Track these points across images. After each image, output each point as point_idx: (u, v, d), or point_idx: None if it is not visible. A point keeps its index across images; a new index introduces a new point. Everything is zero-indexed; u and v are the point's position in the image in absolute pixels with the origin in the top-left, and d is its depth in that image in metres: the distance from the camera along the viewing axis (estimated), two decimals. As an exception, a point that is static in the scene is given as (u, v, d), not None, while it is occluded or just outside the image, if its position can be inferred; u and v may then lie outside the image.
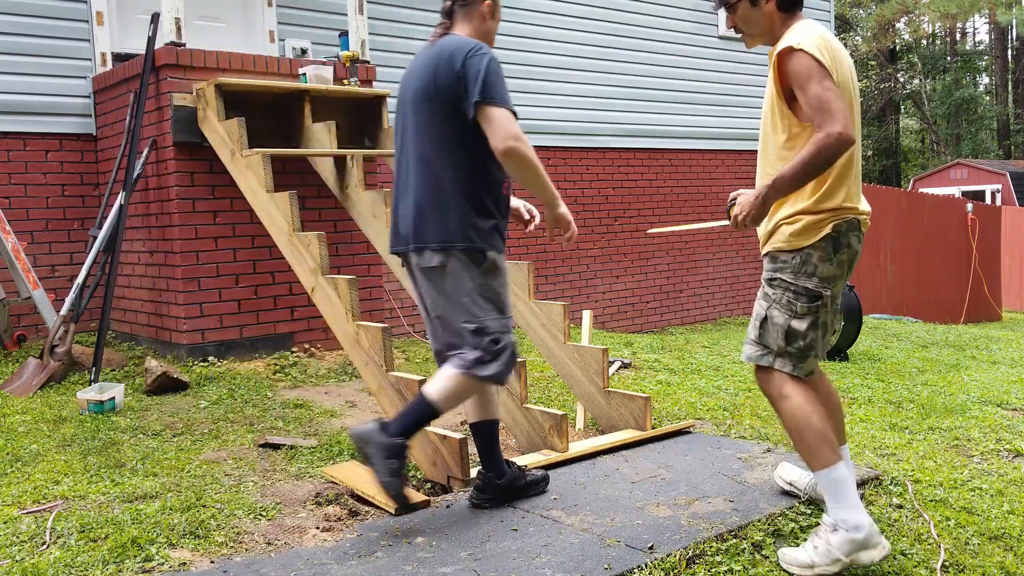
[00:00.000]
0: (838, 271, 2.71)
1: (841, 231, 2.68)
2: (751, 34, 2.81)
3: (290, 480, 3.41)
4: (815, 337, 2.71)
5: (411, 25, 7.33)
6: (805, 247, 2.67)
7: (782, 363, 2.71)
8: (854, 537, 2.55)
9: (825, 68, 2.51)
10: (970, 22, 36.08)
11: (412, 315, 6.88)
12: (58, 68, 5.84)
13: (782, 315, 2.71)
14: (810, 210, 2.66)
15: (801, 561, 2.63)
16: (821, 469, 2.63)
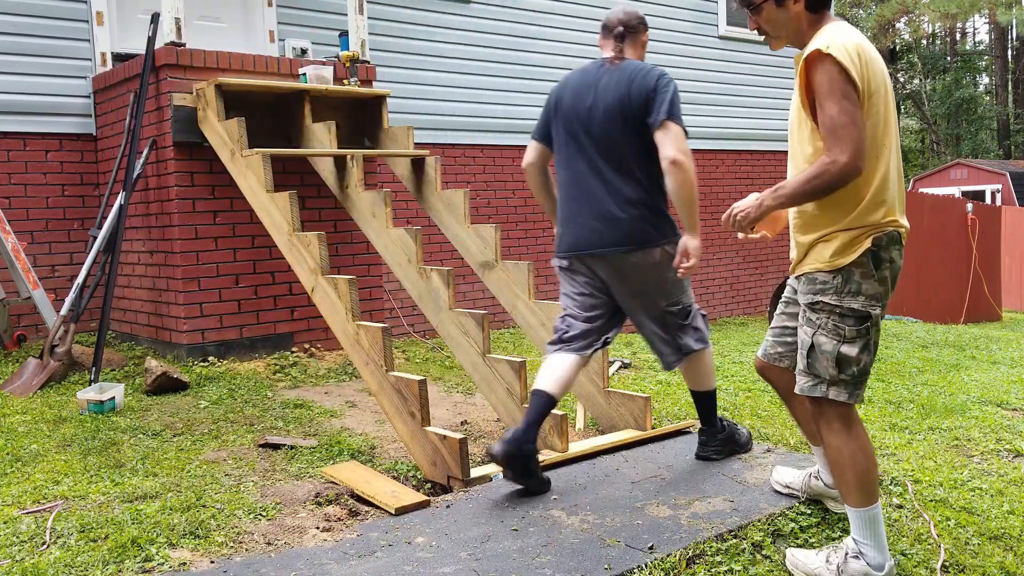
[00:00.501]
0: (882, 288, 2.57)
1: (881, 245, 2.54)
2: (777, 36, 2.67)
3: (290, 480, 3.41)
4: (868, 361, 2.57)
5: (411, 25, 7.33)
6: (846, 265, 2.53)
7: (836, 392, 2.55)
8: (872, 573, 2.54)
9: (851, 83, 2.40)
10: (970, 22, 36.11)
11: (412, 315, 6.88)
12: (58, 68, 5.84)
13: (830, 341, 2.55)
14: (849, 226, 2.52)
15: (810, 570, 2.61)
16: (857, 506, 2.57)
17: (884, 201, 2.53)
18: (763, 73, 10.20)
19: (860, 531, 2.57)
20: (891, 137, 2.53)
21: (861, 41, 2.49)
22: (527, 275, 4.36)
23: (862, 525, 2.56)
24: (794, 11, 2.58)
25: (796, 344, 2.70)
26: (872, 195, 2.50)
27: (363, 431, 4.10)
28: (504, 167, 7.89)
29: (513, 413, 3.88)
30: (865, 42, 2.51)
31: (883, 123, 2.50)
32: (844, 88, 2.40)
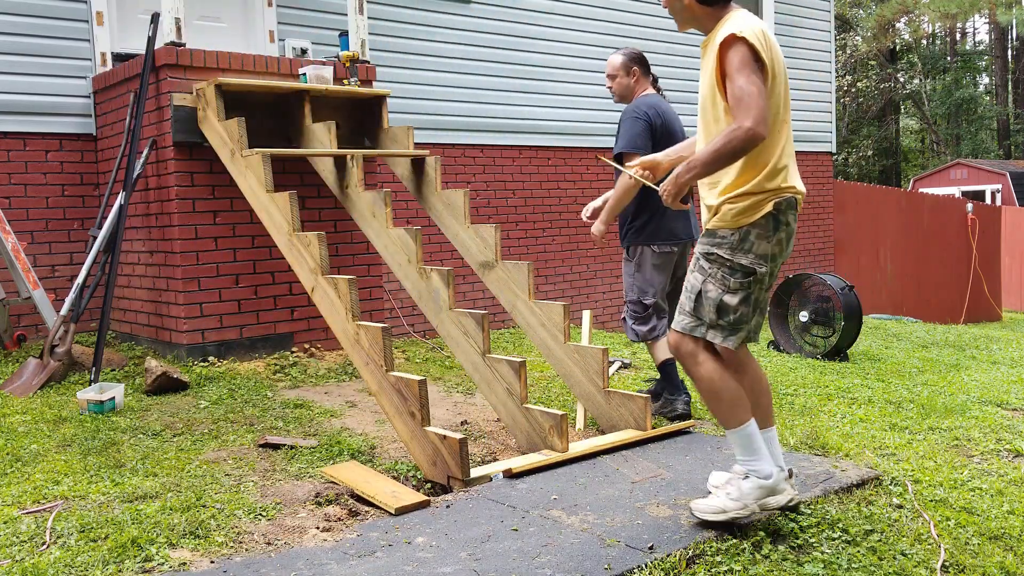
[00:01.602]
0: (776, 249, 2.84)
1: (781, 209, 2.81)
2: (677, 20, 2.99)
3: (290, 480, 3.41)
4: (746, 312, 2.85)
5: (411, 25, 7.33)
6: (745, 225, 2.80)
7: (714, 335, 2.85)
8: (763, 483, 2.81)
9: (760, 61, 2.68)
10: (970, 22, 36.08)
11: (412, 315, 6.88)
12: (58, 68, 5.84)
13: (716, 289, 2.84)
14: (754, 190, 2.78)
15: (714, 507, 2.84)
16: (735, 427, 2.83)
17: (784, 168, 2.82)
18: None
19: (743, 451, 2.85)
20: (787, 113, 2.85)
21: (765, 28, 2.82)
22: (527, 275, 4.36)
23: (742, 444, 2.84)
24: (686, 3, 2.90)
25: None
26: (774, 163, 2.79)
27: (363, 431, 4.10)
28: (504, 167, 7.89)
29: (513, 413, 3.88)
30: (767, 28, 2.83)
31: (782, 102, 2.81)
32: (753, 65, 2.68)
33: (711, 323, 2.85)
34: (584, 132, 8.51)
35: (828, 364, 6.25)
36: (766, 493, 2.82)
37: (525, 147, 8.03)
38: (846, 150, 34.72)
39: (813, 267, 10.76)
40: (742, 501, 2.81)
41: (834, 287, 6.69)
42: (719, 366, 2.86)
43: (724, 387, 2.83)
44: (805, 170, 10.78)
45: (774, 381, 5.42)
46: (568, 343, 4.21)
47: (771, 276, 2.88)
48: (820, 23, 10.89)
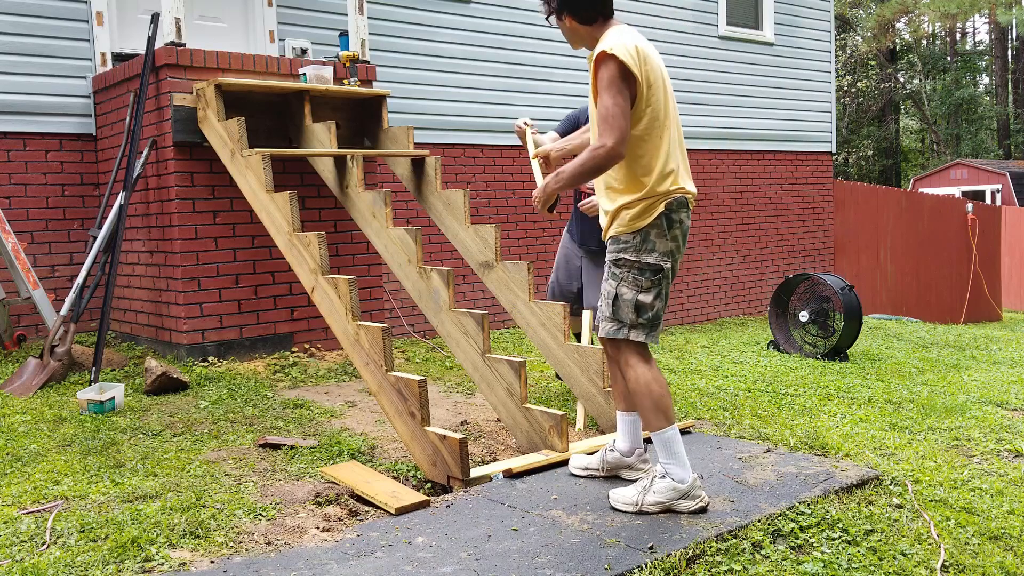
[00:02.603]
0: (673, 245, 3.03)
1: (672, 209, 3.00)
2: (571, 41, 3.18)
3: (290, 480, 3.41)
4: (660, 307, 3.04)
5: (411, 25, 7.33)
6: (643, 227, 2.99)
7: (636, 334, 3.01)
8: (677, 486, 2.96)
9: (628, 79, 2.86)
10: (970, 22, 36.08)
11: (412, 315, 6.88)
12: (58, 68, 5.84)
13: (630, 291, 3.01)
14: (645, 196, 2.97)
15: (627, 498, 3.00)
16: (658, 430, 2.97)
17: (672, 172, 3.00)
18: (763, 73, 10.20)
19: (664, 453, 2.99)
20: (671, 119, 3.02)
21: (639, 41, 2.96)
22: (527, 275, 4.36)
23: (664, 447, 2.98)
24: (569, 26, 3.10)
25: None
26: (660, 169, 2.97)
27: (363, 431, 4.10)
28: (504, 167, 7.89)
29: (513, 413, 3.88)
30: (642, 41, 2.99)
31: (663, 108, 2.98)
32: (620, 85, 2.86)
33: (632, 323, 3.01)
34: (584, 132, 8.50)
35: (828, 364, 6.25)
36: (678, 496, 2.97)
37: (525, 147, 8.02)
38: (846, 150, 34.72)
39: (813, 267, 10.76)
40: (654, 498, 2.97)
41: (834, 287, 6.69)
42: (647, 369, 3.01)
43: (651, 390, 2.98)
44: (805, 170, 10.79)
45: (774, 381, 5.42)
46: (568, 343, 4.21)
47: (674, 272, 3.08)
48: (820, 23, 10.88)
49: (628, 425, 3.31)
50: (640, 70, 2.89)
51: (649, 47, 3.03)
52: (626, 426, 3.32)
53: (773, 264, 10.41)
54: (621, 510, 3.00)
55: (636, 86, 2.89)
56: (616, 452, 3.34)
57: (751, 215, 10.13)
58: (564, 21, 3.11)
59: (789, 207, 10.59)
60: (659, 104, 2.96)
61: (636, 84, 2.89)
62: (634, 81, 2.88)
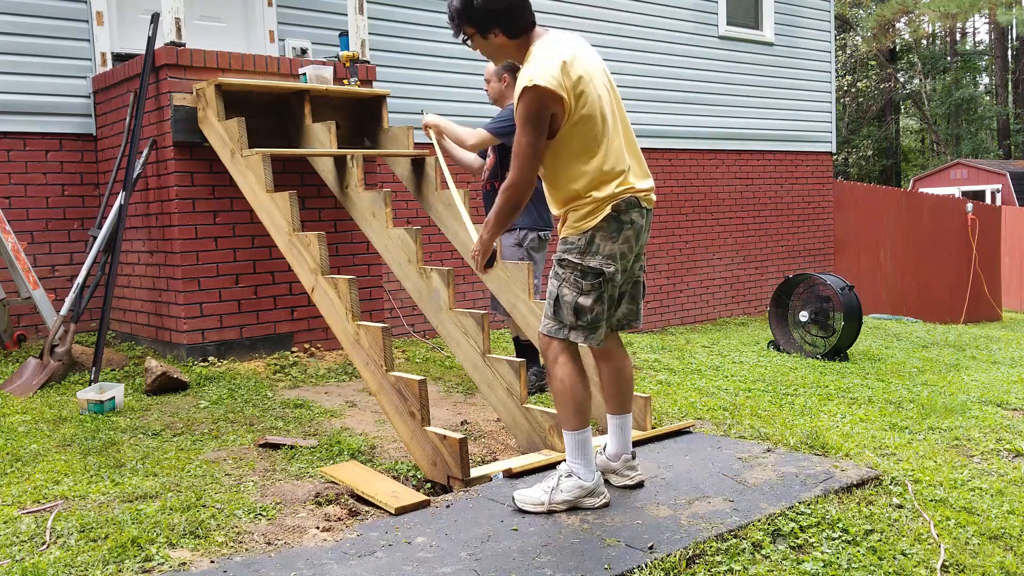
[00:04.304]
0: (624, 247, 3.00)
1: (621, 210, 2.96)
2: (493, 59, 3.14)
3: (290, 480, 3.41)
4: (600, 311, 3.00)
5: (411, 25, 7.33)
6: (589, 229, 2.95)
7: (576, 335, 3.00)
8: (583, 484, 3.01)
9: (553, 104, 2.81)
10: (970, 22, 36.07)
11: (412, 315, 6.88)
12: (58, 68, 5.84)
13: (570, 293, 2.98)
14: (589, 201, 2.94)
15: (535, 499, 3.02)
16: (573, 430, 3.02)
17: (618, 174, 2.95)
18: (763, 73, 10.19)
19: (573, 452, 3.03)
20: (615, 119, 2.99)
21: (565, 53, 2.90)
22: (527, 275, 4.36)
23: (575, 447, 3.02)
24: (497, 42, 3.00)
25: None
26: (598, 175, 2.93)
27: (363, 431, 4.10)
28: (504, 167, 7.89)
29: (513, 413, 3.88)
30: (569, 52, 2.92)
31: (600, 113, 2.93)
32: (536, 121, 2.84)
33: (571, 325, 2.99)
34: (584, 132, 8.50)
35: (828, 364, 6.25)
36: (584, 493, 3.03)
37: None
38: (846, 150, 34.72)
39: (813, 267, 10.76)
40: (561, 496, 3.00)
41: (834, 287, 6.69)
42: (575, 371, 3.02)
43: (575, 392, 3.00)
44: (805, 170, 10.78)
45: (774, 381, 5.42)
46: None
47: (624, 272, 3.05)
48: (820, 23, 10.88)
49: (615, 428, 3.27)
50: (564, 87, 2.83)
51: (581, 52, 2.97)
52: (614, 429, 3.28)
53: (773, 264, 10.41)
54: (528, 511, 3.01)
55: (564, 104, 2.84)
56: (603, 456, 3.30)
57: (751, 215, 10.13)
58: (492, 38, 2.98)
59: (789, 207, 10.59)
60: (595, 110, 2.92)
61: (564, 103, 2.84)
62: (560, 102, 2.83)
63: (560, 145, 2.94)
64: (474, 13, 2.93)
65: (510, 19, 2.93)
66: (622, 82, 8.77)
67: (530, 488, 3.08)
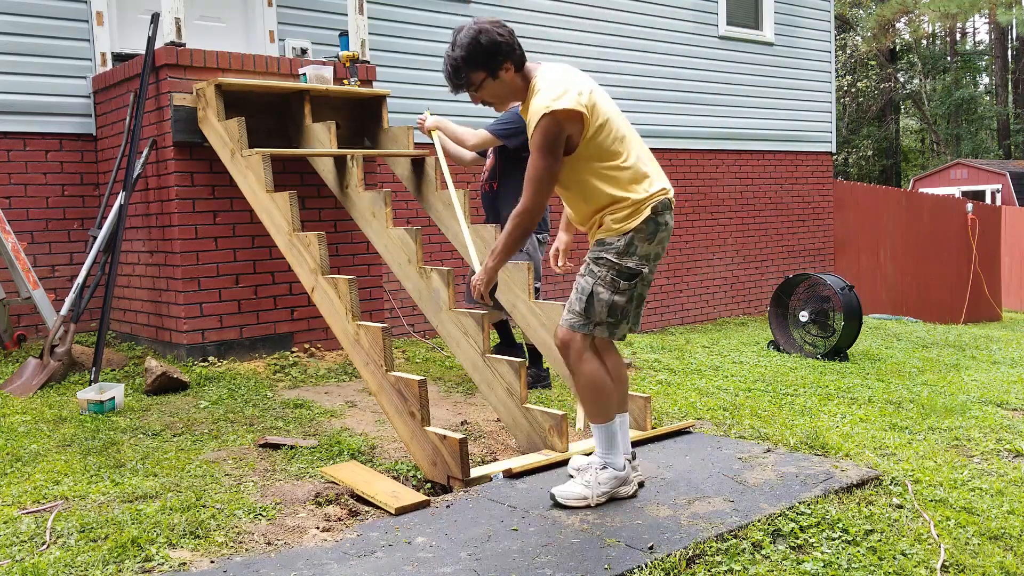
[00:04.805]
0: (658, 248, 3.08)
1: (658, 211, 3.02)
2: (501, 102, 3.10)
3: (290, 480, 3.41)
4: (630, 308, 3.08)
5: (411, 25, 7.33)
6: (629, 231, 2.99)
7: (600, 331, 3.05)
8: (618, 474, 3.09)
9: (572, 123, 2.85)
10: (970, 22, 36.06)
11: (412, 315, 6.88)
12: (58, 68, 5.84)
13: (606, 292, 3.02)
14: (629, 203, 2.98)
15: (577, 494, 3.06)
16: (603, 423, 3.08)
17: (646, 176, 3.01)
18: (763, 73, 10.19)
19: (603, 445, 3.10)
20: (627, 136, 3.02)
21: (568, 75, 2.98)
22: (527, 275, 4.36)
23: (605, 439, 3.09)
24: (507, 78, 3.00)
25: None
26: (630, 176, 2.98)
27: (363, 431, 4.10)
28: (504, 167, 7.89)
29: (513, 413, 3.88)
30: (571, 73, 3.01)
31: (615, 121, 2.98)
32: (552, 145, 2.86)
33: (599, 321, 3.04)
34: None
35: (828, 364, 6.25)
36: (619, 483, 3.11)
37: (525, 147, 8.03)
38: (846, 150, 34.71)
39: (813, 267, 10.76)
40: (600, 489, 3.06)
41: (834, 287, 6.69)
42: (601, 365, 3.08)
43: (605, 385, 3.06)
44: (805, 170, 10.78)
45: (774, 381, 5.42)
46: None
47: (651, 273, 3.12)
48: (820, 23, 10.88)
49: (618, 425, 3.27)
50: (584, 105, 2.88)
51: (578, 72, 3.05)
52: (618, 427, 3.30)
53: (773, 264, 10.41)
54: (571, 506, 3.04)
55: (583, 120, 2.88)
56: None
57: (751, 215, 10.13)
58: (503, 75, 2.98)
59: (789, 207, 10.59)
60: (610, 116, 2.97)
61: (583, 118, 2.88)
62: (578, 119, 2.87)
63: (581, 160, 2.96)
64: (483, 54, 2.94)
65: (513, 49, 2.97)
66: (622, 82, 8.80)
67: (568, 484, 3.11)
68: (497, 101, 3.10)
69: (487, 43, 2.93)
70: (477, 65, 2.96)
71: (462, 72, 2.97)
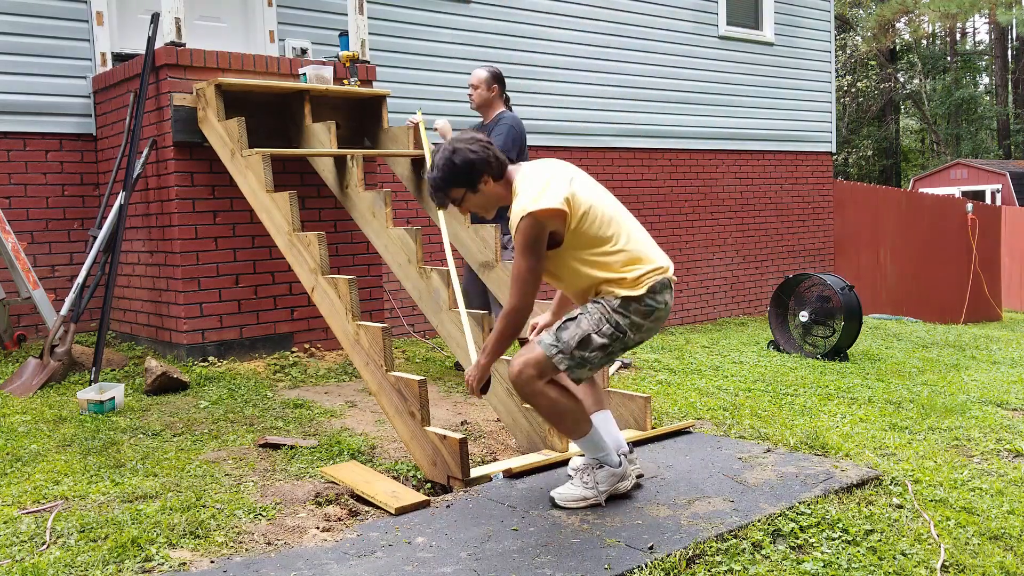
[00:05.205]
0: (652, 326, 3.04)
1: (656, 291, 3.00)
2: (487, 210, 3.15)
3: (290, 480, 3.41)
4: (601, 357, 3.01)
5: (411, 25, 7.33)
6: (625, 296, 2.97)
7: (560, 359, 2.97)
8: (615, 471, 3.10)
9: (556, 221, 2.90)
10: (970, 22, 36.06)
11: (412, 315, 6.88)
12: (58, 68, 5.84)
13: (588, 324, 2.99)
14: (626, 283, 2.98)
15: (577, 496, 3.07)
16: (582, 437, 3.09)
17: (638, 259, 3.00)
18: (763, 73, 10.20)
19: (591, 450, 3.11)
20: (617, 210, 3.07)
21: (547, 173, 3.01)
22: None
23: (591, 446, 3.10)
24: (488, 190, 3.07)
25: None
26: (624, 260, 2.99)
27: (363, 431, 4.10)
28: (504, 167, 7.89)
29: (513, 413, 3.88)
30: (550, 170, 3.05)
31: (600, 205, 3.00)
32: (535, 246, 2.92)
33: (566, 350, 2.97)
34: (584, 132, 8.51)
35: (828, 364, 6.25)
36: (617, 479, 3.12)
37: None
38: (846, 150, 34.72)
39: (813, 267, 10.76)
40: (599, 488, 3.08)
41: (834, 287, 6.69)
42: (559, 387, 3.03)
43: (568, 405, 3.03)
44: (805, 170, 10.78)
45: (774, 381, 5.42)
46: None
47: (637, 343, 3.07)
48: (820, 23, 10.89)
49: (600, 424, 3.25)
50: (564, 200, 2.91)
51: (560, 166, 3.09)
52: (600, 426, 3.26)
53: (773, 264, 10.41)
54: (571, 508, 3.05)
55: (564, 216, 2.92)
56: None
57: (751, 215, 10.13)
58: (482, 187, 3.04)
59: (789, 207, 10.59)
60: (594, 201, 2.99)
61: (563, 215, 2.91)
62: (559, 216, 2.91)
63: (569, 250, 2.99)
64: (459, 173, 3.01)
65: (488, 163, 3.02)
66: (622, 82, 8.81)
67: (566, 487, 3.12)
68: (482, 211, 3.16)
69: (461, 163, 3.01)
70: (455, 183, 3.05)
71: (442, 191, 3.08)
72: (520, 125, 5.31)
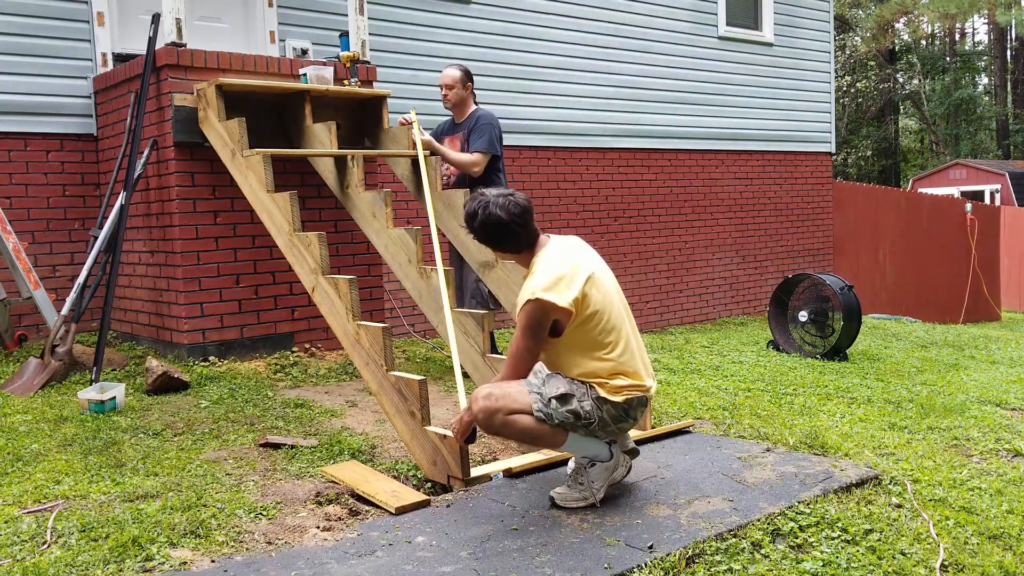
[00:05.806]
0: (614, 430, 3.10)
1: (631, 405, 3.07)
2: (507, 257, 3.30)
3: (290, 480, 3.42)
4: (567, 419, 3.01)
5: (411, 25, 7.33)
6: (604, 397, 3.03)
7: (539, 407, 3.01)
8: (606, 464, 3.14)
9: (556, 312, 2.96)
10: (969, 22, 36.07)
11: (412, 315, 6.89)
12: (59, 68, 5.84)
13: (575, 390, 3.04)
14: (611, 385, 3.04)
15: (576, 497, 3.10)
16: (563, 445, 3.12)
17: (625, 373, 3.06)
18: (762, 73, 10.20)
19: (579, 451, 3.15)
20: (621, 319, 3.09)
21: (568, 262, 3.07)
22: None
23: (577, 448, 3.13)
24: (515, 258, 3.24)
25: None
26: (612, 368, 3.05)
27: (363, 431, 4.11)
28: (504, 167, 7.89)
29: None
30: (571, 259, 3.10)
31: (607, 312, 3.05)
32: (536, 329, 3.00)
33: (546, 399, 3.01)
34: (584, 132, 8.51)
35: (827, 364, 6.26)
36: (610, 472, 3.16)
37: (525, 147, 8.04)
38: (846, 150, 34.73)
39: (812, 267, 10.77)
40: (596, 486, 3.11)
41: (834, 287, 6.69)
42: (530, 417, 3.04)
43: (539, 431, 3.04)
44: (804, 170, 10.79)
45: (773, 381, 5.43)
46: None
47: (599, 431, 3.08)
48: (820, 23, 10.89)
49: None
50: (573, 300, 2.97)
51: (583, 256, 3.15)
52: None
53: (773, 264, 10.42)
54: (571, 507, 3.07)
55: (569, 314, 2.98)
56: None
57: (750, 215, 10.14)
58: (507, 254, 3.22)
59: (788, 207, 10.60)
60: (601, 307, 3.04)
61: (568, 313, 2.97)
62: (564, 312, 2.97)
63: (565, 343, 3.05)
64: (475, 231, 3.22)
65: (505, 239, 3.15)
66: (621, 82, 8.81)
67: (564, 487, 3.14)
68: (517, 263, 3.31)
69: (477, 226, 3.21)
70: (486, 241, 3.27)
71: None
72: (497, 120, 5.36)
